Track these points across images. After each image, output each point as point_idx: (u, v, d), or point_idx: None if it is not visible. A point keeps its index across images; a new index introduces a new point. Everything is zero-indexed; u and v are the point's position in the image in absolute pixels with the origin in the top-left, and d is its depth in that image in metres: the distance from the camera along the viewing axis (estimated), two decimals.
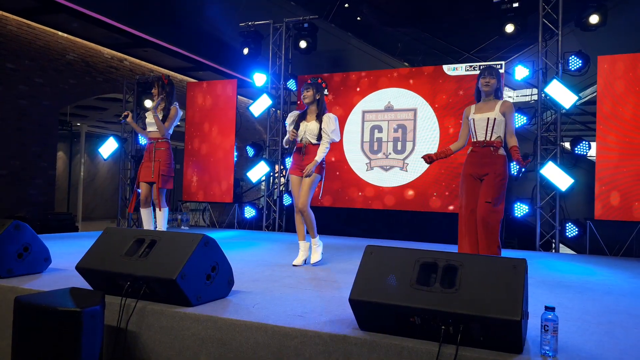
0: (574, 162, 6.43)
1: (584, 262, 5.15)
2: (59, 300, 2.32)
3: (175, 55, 10.02)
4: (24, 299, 2.34)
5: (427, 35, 12.23)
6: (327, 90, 7.64)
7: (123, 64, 10.11)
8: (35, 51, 8.35)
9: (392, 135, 7.18)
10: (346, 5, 11.55)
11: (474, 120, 3.82)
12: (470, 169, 3.83)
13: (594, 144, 6.06)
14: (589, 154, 6.37)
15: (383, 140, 7.24)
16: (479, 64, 6.84)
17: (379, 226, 7.61)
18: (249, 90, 11.61)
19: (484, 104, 3.85)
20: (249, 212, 7.90)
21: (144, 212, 4.93)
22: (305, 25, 7.84)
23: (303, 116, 4.33)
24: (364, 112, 7.37)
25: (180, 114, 4.97)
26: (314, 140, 4.20)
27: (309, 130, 4.21)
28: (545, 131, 6.37)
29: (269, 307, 2.61)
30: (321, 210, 4.33)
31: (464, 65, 6.87)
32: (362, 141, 7.34)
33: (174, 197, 10.98)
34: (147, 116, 5.02)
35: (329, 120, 4.19)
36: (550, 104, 6.36)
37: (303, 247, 4.26)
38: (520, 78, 6.43)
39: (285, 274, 3.71)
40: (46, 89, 8.55)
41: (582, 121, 9.55)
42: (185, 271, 2.52)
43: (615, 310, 2.88)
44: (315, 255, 4.27)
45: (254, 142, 8.16)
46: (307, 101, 4.24)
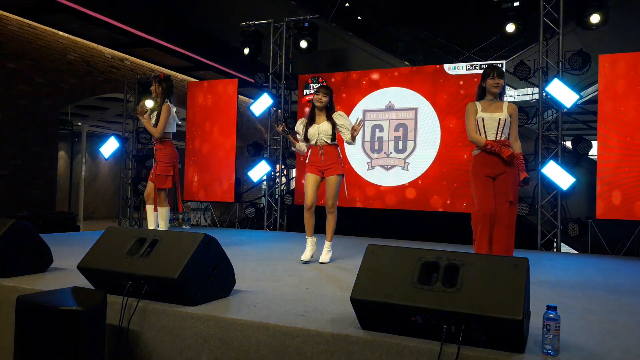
0: (575, 161, 6.41)
1: (586, 262, 5.15)
2: (61, 300, 2.33)
3: (176, 54, 10.03)
4: (26, 298, 2.35)
5: (428, 34, 12.23)
6: None
7: (124, 64, 10.11)
8: (36, 51, 8.35)
9: (393, 134, 7.18)
10: (347, 4, 11.55)
11: (484, 119, 3.71)
12: (484, 169, 3.70)
13: (595, 143, 6.05)
14: (590, 153, 6.36)
15: (384, 139, 7.23)
16: (480, 63, 6.83)
17: (380, 225, 7.60)
18: (250, 90, 11.62)
19: (490, 103, 3.76)
20: (250, 212, 7.91)
21: (149, 209, 5.04)
22: (306, 24, 7.85)
23: (312, 119, 4.37)
24: (365, 112, 7.36)
25: (172, 111, 4.86)
26: (329, 141, 4.31)
27: (322, 131, 4.29)
28: (547, 130, 6.36)
29: (271, 306, 2.61)
30: (321, 210, 4.35)
31: (465, 64, 6.86)
32: (363, 140, 7.34)
33: (175, 196, 10.96)
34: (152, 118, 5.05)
35: (344, 117, 4.35)
36: (551, 103, 6.35)
37: (311, 242, 4.37)
38: (521, 77, 6.42)
39: (286, 273, 3.72)
40: (47, 88, 8.55)
41: (584, 120, 9.55)
42: (186, 270, 2.52)
43: (617, 310, 2.88)
44: (327, 257, 4.36)
45: (254, 142, 8.16)
46: (321, 105, 4.30)
